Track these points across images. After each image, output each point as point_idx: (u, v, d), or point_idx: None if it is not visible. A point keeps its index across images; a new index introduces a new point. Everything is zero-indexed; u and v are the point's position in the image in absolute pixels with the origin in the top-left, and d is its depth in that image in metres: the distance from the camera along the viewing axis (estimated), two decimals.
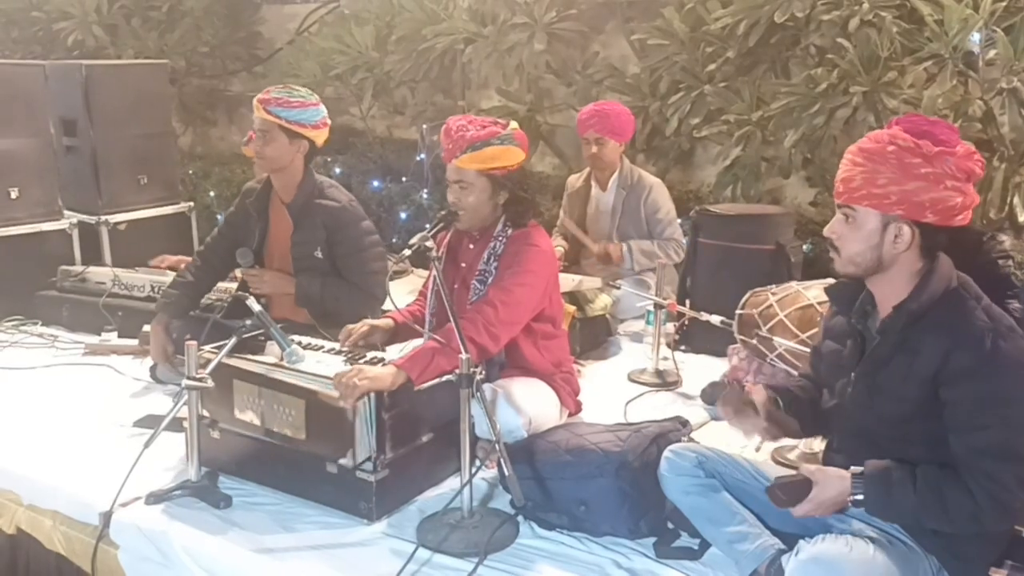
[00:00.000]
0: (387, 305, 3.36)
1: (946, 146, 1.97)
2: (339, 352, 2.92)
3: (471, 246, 3.04)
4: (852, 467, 2.01)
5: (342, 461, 2.59)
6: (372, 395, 2.55)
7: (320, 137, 3.53)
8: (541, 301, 2.93)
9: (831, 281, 3.23)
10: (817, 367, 2.34)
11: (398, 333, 3.05)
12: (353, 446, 2.56)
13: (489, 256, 2.95)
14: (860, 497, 1.98)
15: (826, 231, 2.11)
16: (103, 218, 5.20)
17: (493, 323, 2.73)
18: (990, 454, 1.89)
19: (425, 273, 3.47)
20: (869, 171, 1.99)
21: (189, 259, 4.60)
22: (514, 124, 2.95)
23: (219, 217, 5.08)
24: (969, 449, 1.92)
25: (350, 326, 2.96)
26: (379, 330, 2.98)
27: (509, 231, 2.95)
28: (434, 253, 2.73)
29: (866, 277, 2.09)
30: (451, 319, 2.54)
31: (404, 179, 6.51)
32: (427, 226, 2.87)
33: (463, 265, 3.04)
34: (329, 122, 3.56)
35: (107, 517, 2.65)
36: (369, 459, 2.59)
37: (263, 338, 2.91)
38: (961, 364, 1.91)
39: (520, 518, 2.60)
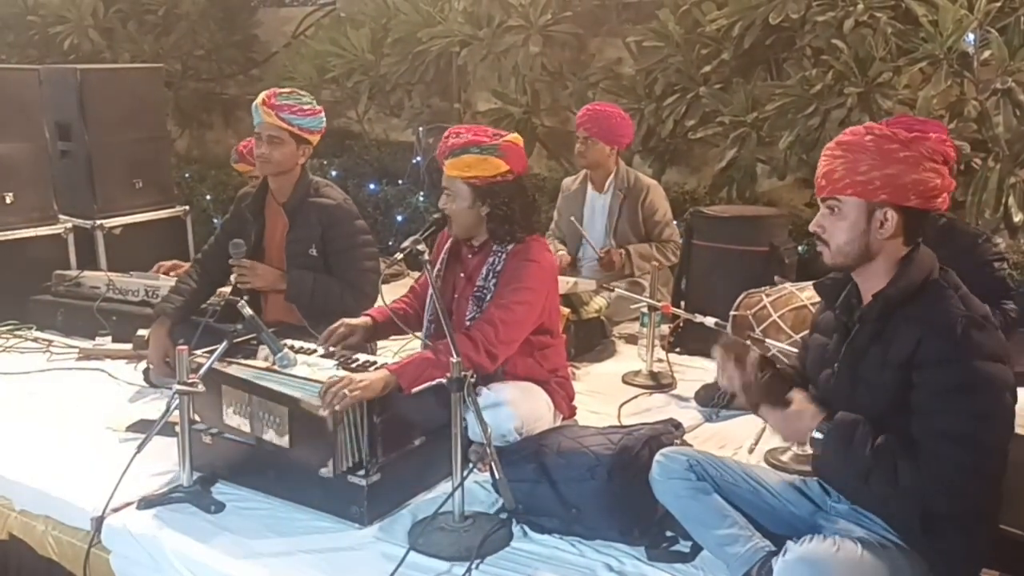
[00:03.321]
0: (378, 304, 3.37)
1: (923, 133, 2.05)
2: (331, 356, 2.91)
3: (469, 256, 3.03)
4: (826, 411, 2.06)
5: (323, 471, 2.56)
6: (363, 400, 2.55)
7: (318, 140, 3.57)
8: (540, 316, 2.92)
9: None
10: (804, 361, 2.36)
11: (378, 331, 3.05)
12: (334, 456, 2.54)
13: (488, 272, 2.93)
14: (820, 436, 2.02)
15: (811, 226, 2.15)
16: (98, 222, 5.20)
17: (493, 343, 2.73)
18: (946, 438, 1.91)
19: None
20: (850, 161, 2.04)
21: (184, 264, 4.63)
22: (511, 136, 2.89)
23: (215, 221, 5.09)
24: (927, 430, 1.94)
25: (331, 327, 2.96)
26: (359, 329, 2.98)
27: (509, 246, 2.92)
28: (427, 257, 2.73)
29: (855, 267, 2.11)
30: (444, 326, 2.53)
31: (400, 182, 6.51)
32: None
33: (461, 275, 3.03)
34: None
35: (99, 522, 2.64)
36: (357, 465, 2.58)
37: (255, 342, 2.91)
38: (932, 350, 1.94)
39: (512, 521, 2.59)
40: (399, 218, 6.28)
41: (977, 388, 1.91)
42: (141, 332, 3.81)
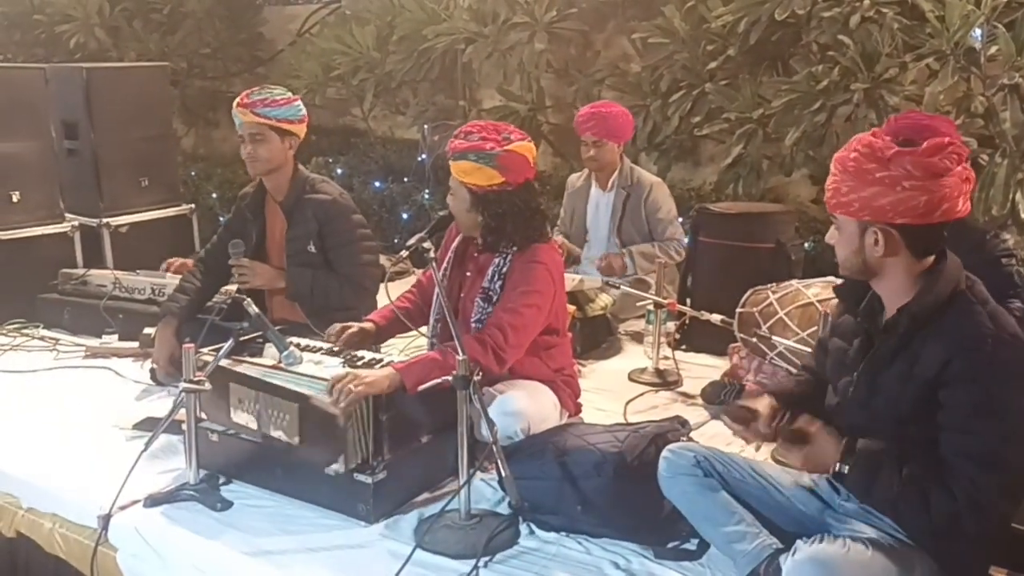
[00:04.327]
0: (380, 297, 3.38)
1: (919, 143, 1.95)
2: (337, 353, 2.91)
3: (476, 254, 3.03)
4: (847, 438, 2.04)
5: (333, 467, 2.57)
6: (369, 398, 2.55)
7: (303, 132, 3.57)
8: (548, 318, 2.92)
9: (832, 279, 3.23)
10: (821, 362, 2.34)
11: (381, 334, 3.06)
12: (344, 452, 2.54)
13: (494, 274, 2.93)
14: (845, 469, 2.01)
15: (827, 238, 2.15)
16: (104, 221, 5.21)
17: (502, 347, 2.73)
18: (976, 460, 1.88)
19: None
20: (837, 181, 2.03)
21: (191, 261, 4.65)
22: (516, 145, 2.84)
23: (221, 219, 5.10)
24: (957, 452, 1.91)
25: (339, 324, 2.96)
26: (366, 334, 2.99)
27: (514, 248, 2.92)
28: (432, 255, 2.72)
29: (864, 280, 2.09)
30: (450, 325, 2.53)
31: (406, 179, 6.51)
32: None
33: (468, 273, 3.03)
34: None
35: (106, 520, 2.64)
36: (364, 463, 2.58)
37: (261, 340, 2.91)
38: (960, 369, 1.90)
39: (519, 519, 2.59)
40: (404, 216, 6.29)
41: (1006, 410, 1.88)
42: (148, 330, 3.82)
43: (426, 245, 2.69)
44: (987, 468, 1.87)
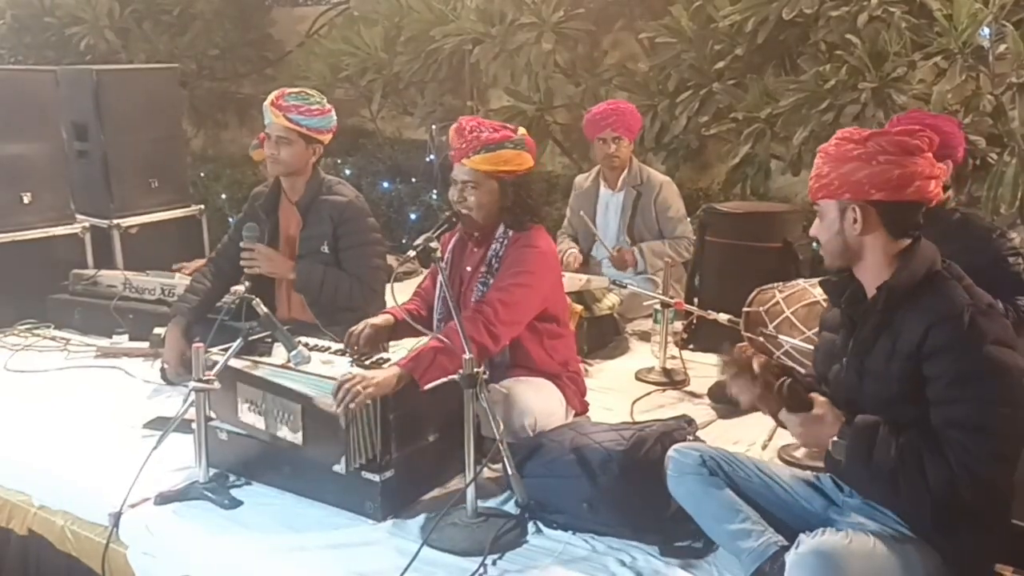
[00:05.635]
0: (387, 299, 3.39)
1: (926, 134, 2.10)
2: (345, 353, 2.92)
3: (474, 249, 3.06)
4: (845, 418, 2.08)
5: (336, 468, 2.58)
6: (377, 397, 2.56)
7: (329, 139, 3.60)
8: (543, 302, 2.94)
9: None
10: (816, 361, 2.37)
11: (397, 329, 3.07)
12: (347, 452, 2.56)
13: (491, 258, 2.97)
14: (842, 441, 2.04)
15: (811, 231, 2.25)
16: (114, 222, 5.24)
17: (493, 323, 2.75)
18: (964, 426, 1.93)
19: None
20: (819, 166, 2.17)
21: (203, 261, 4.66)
22: (523, 130, 2.98)
23: (230, 220, 5.12)
24: (944, 421, 1.96)
25: (352, 328, 2.97)
26: (382, 329, 2.99)
27: (510, 233, 2.97)
28: (437, 255, 2.74)
29: (845, 265, 2.17)
30: (455, 320, 2.55)
31: (414, 180, 6.53)
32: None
33: (468, 268, 3.06)
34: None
35: (117, 518, 2.67)
36: (371, 462, 2.60)
37: (270, 340, 2.93)
38: (940, 339, 1.97)
39: (525, 517, 2.60)
40: (412, 216, 6.31)
41: (989, 374, 1.93)
42: (158, 330, 3.84)
43: (433, 245, 2.72)
44: (975, 432, 1.91)
